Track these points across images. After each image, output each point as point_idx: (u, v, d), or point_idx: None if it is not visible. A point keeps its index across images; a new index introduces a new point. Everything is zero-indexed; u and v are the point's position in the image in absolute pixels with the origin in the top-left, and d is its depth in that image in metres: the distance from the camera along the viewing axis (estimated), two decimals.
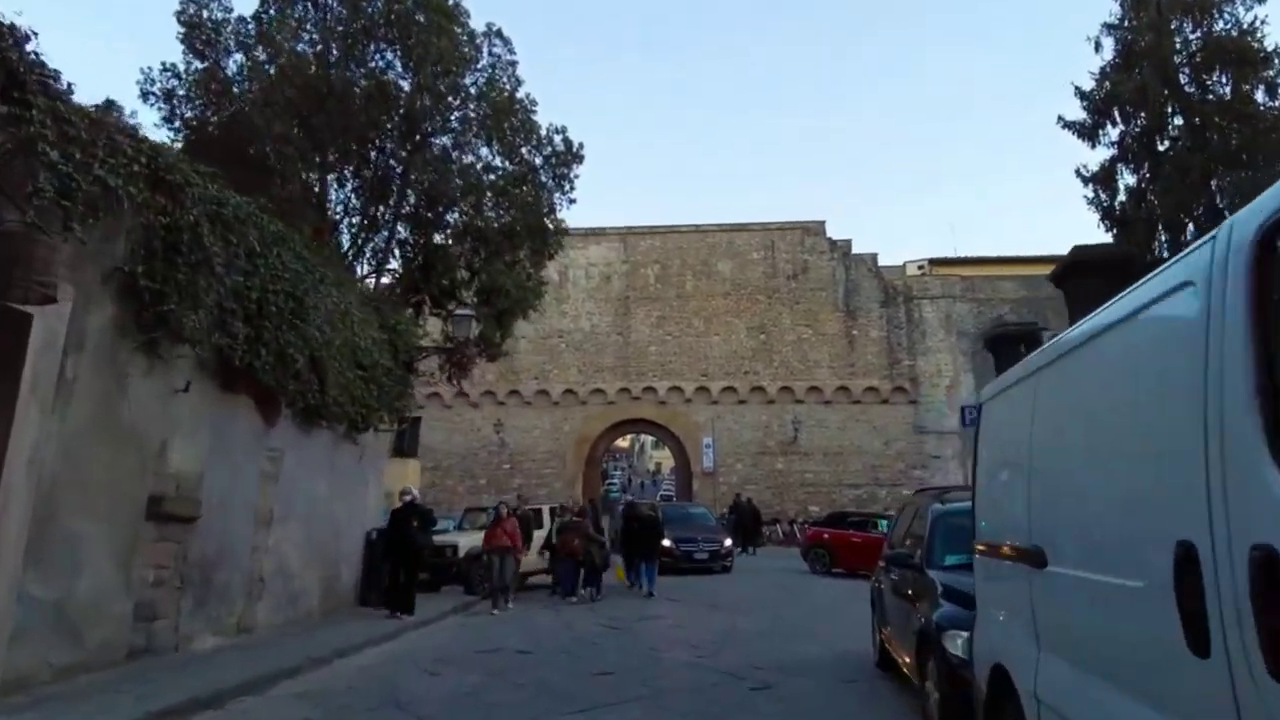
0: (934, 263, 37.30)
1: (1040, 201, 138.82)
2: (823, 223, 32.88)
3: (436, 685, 7.46)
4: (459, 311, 14.59)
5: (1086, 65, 67.97)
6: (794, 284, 32.23)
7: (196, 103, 14.62)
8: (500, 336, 16.60)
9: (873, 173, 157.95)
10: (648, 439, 55.69)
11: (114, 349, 6.94)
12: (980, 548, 4.06)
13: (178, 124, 14.19)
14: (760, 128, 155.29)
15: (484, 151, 16.57)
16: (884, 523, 17.67)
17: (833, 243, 32.62)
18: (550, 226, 16.61)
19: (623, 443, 79.06)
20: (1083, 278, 12.64)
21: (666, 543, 16.45)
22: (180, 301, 7.33)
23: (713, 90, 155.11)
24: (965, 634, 5.17)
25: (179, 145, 12.81)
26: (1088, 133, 20.76)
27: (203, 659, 7.68)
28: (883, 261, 32.93)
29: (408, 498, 11.47)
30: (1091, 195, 21.23)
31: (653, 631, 10.76)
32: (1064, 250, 15.81)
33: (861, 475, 30.69)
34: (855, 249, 32.69)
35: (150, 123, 14.88)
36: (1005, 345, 17.85)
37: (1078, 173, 21.36)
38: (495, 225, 15.95)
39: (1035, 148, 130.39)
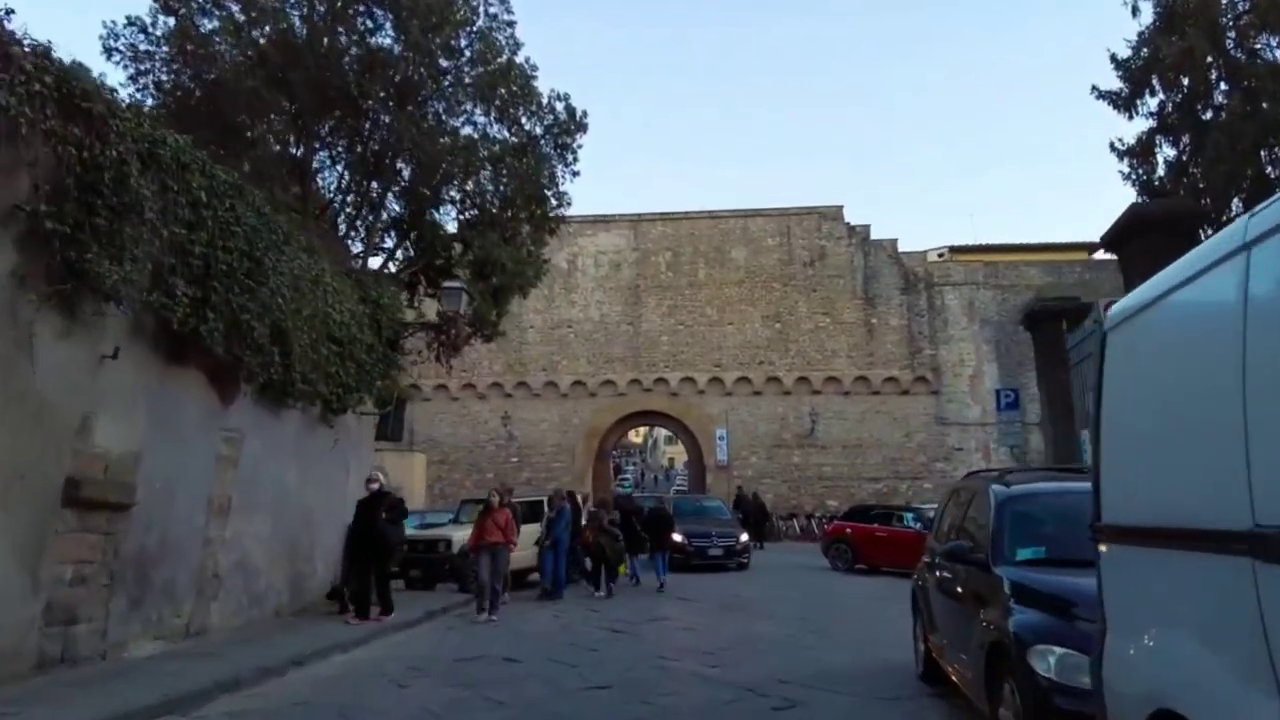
0: (954, 250, 35.85)
1: (1063, 189, 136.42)
2: (840, 207, 31.56)
3: (402, 701, 6.30)
4: (448, 284, 13.40)
5: (1121, 33, 66.01)
6: (811, 271, 30.93)
7: (172, 66, 13.53)
8: (496, 315, 15.45)
9: (890, 160, 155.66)
10: (661, 434, 54.57)
11: (14, 303, 5.82)
12: (1114, 532, 2.82)
13: (147, 84, 13.09)
14: (775, 114, 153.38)
15: (480, 119, 15.39)
16: (909, 515, 16.41)
17: (851, 228, 31.29)
18: (551, 198, 15.39)
19: (636, 438, 78.02)
20: (1144, 237, 11.43)
21: (678, 537, 15.25)
22: (100, 251, 6.20)
23: (725, 72, 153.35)
24: (1058, 650, 3.97)
25: (156, 111, 11.74)
26: (1124, 103, 19.38)
27: (132, 669, 6.55)
28: (902, 248, 31.54)
29: (374, 485, 10.10)
30: (1128, 170, 19.89)
31: (660, 636, 9.56)
32: (1090, 236, 14.58)
33: (881, 468, 29.39)
34: (874, 235, 31.35)
35: (117, 82, 13.75)
36: (1045, 323, 16.56)
37: (1112, 146, 19.96)
38: (491, 196, 14.77)
39: (1057, 136, 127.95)
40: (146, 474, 7.19)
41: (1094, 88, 19.37)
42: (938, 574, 6.20)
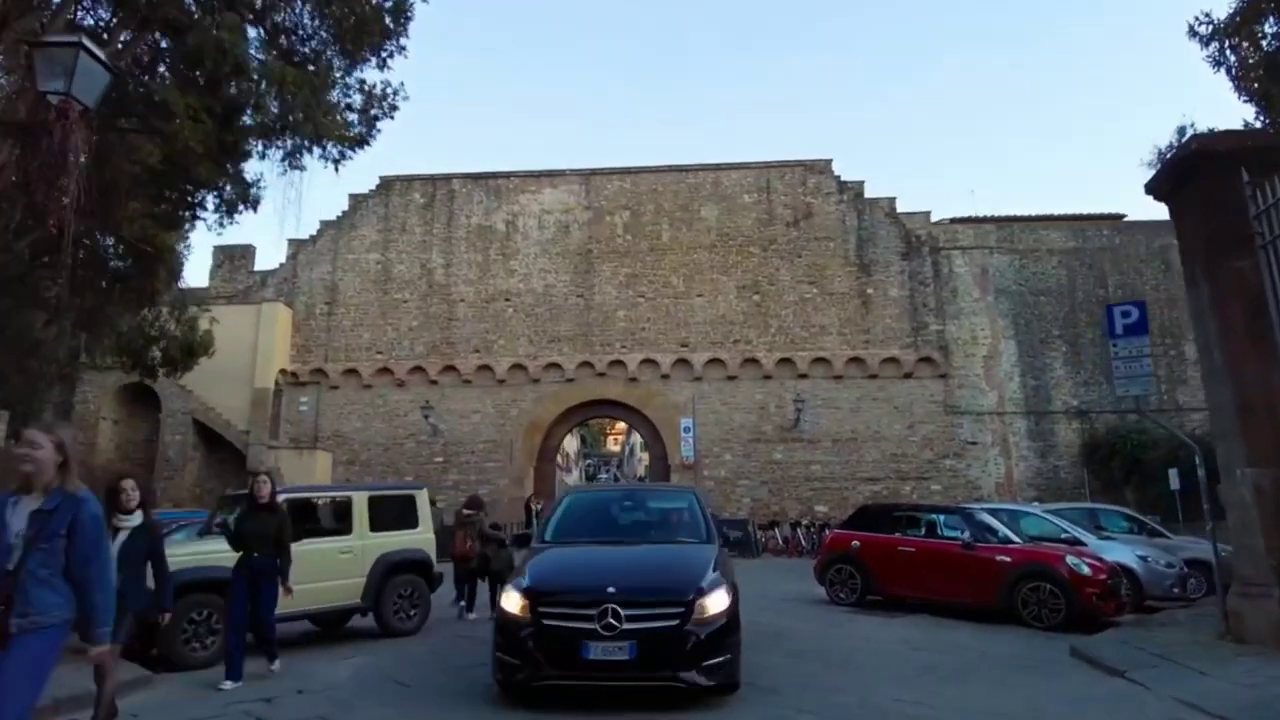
0: (956, 222, 30.60)
1: (1067, 165, 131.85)
2: (829, 161, 26.20)
3: None
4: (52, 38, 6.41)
5: None
6: (795, 232, 25.50)
7: None
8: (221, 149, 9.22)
9: (884, 125, 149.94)
10: (638, 439, 48.70)
11: None
12: None
13: None
14: (755, 74, 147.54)
15: None
16: (951, 521, 10.73)
17: (842, 183, 25.92)
18: None
19: (615, 445, 72.28)
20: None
21: (511, 599, 5.75)
22: None
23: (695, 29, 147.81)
24: None
25: None
26: None
27: None
28: (902, 209, 26.17)
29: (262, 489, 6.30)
30: (1216, 53, 14.64)
31: None
32: (1105, 209, 9.25)
33: (880, 466, 23.91)
34: (869, 194, 26.01)
35: None
36: (1206, 177, 10.33)
37: (1192, 31, 14.67)
38: None
39: (1063, 105, 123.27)
40: None
41: None
42: None
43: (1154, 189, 8.40)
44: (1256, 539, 6.73)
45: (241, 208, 10.36)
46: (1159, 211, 11.46)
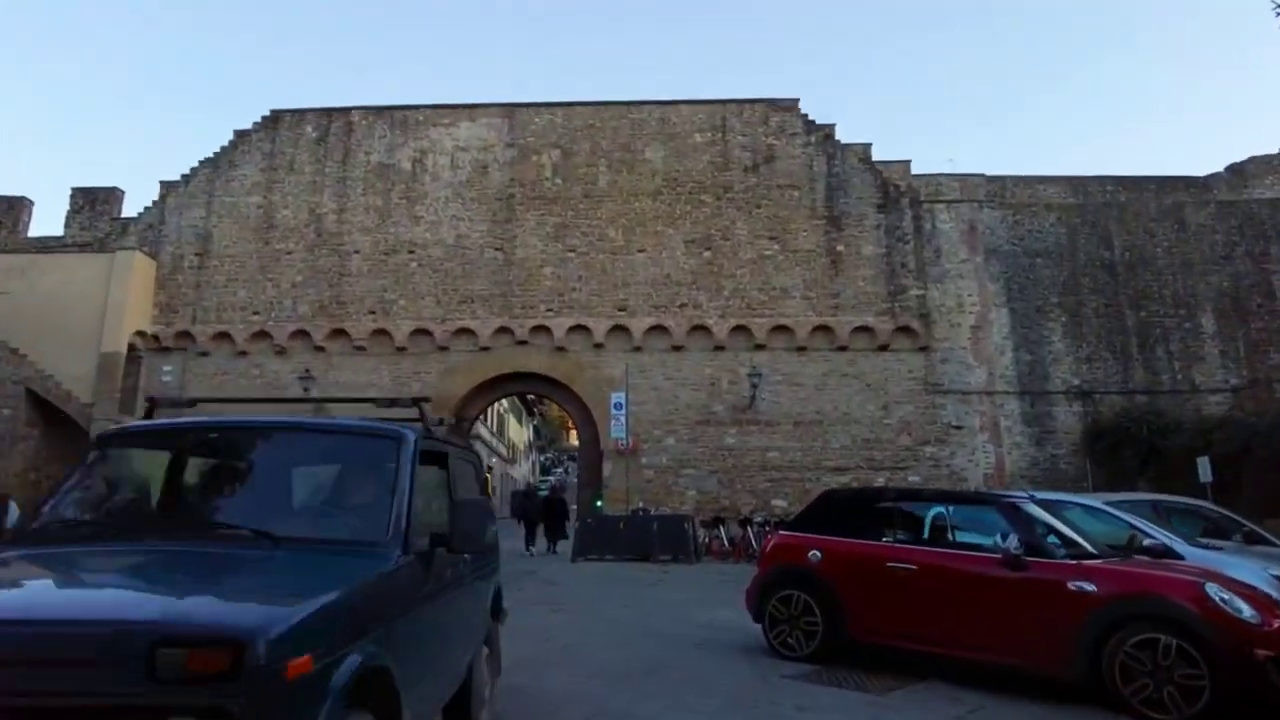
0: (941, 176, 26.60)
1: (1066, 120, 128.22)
2: (796, 100, 21.99)
3: None
4: None
5: None
6: (754, 179, 21.25)
7: None
8: None
9: (855, 75, 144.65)
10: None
11: None
12: None
13: None
14: (715, 15, 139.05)
15: None
16: (960, 514, 6.48)
17: (810, 123, 21.72)
18: None
19: (577, 440, 67.87)
20: None
21: None
22: None
23: None
24: None
25: None
26: None
27: None
28: (878, 157, 22.03)
29: None
30: None
31: None
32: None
33: (850, 454, 19.75)
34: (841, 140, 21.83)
35: None
36: None
37: None
38: None
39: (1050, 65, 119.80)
40: None
41: None
42: None
43: None
44: None
45: None
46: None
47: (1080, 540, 5.63)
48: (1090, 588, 5.07)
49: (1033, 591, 5.30)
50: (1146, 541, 6.73)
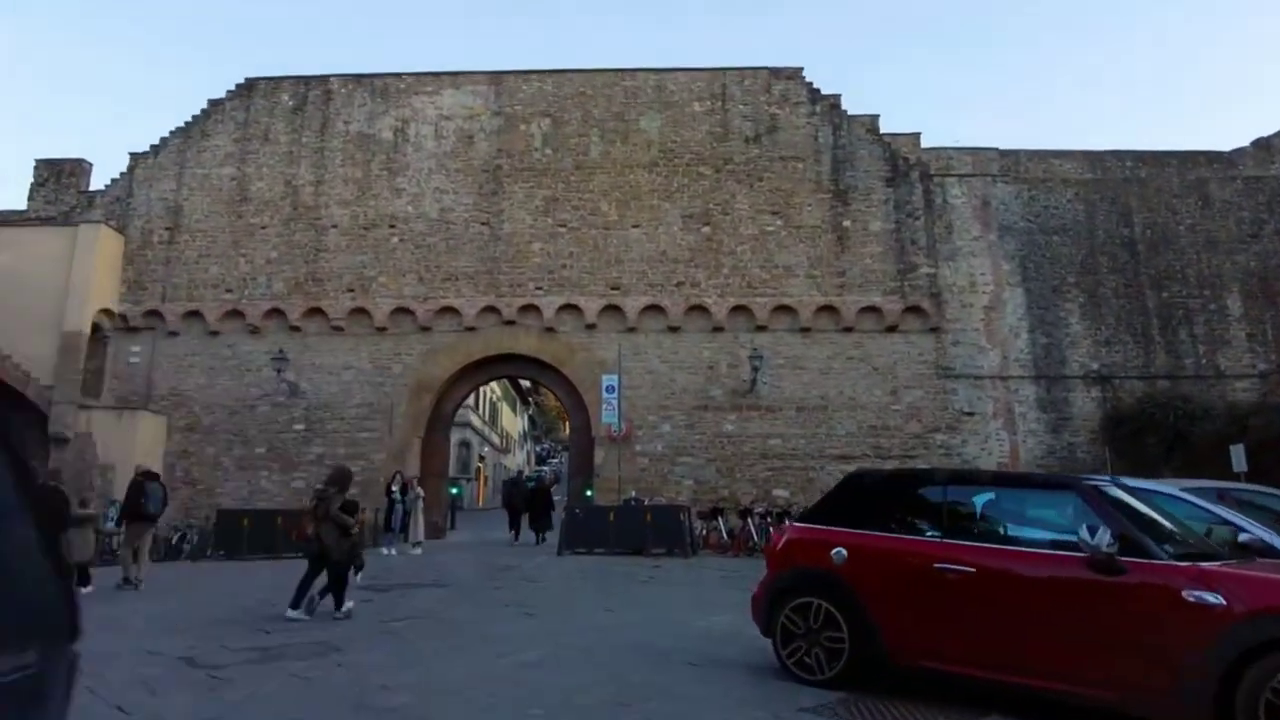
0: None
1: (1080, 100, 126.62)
2: (799, 69, 20.66)
3: None
4: None
5: None
6: (756, 150, 19.95)
7: None
8: None
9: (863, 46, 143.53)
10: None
11: None
12: None
13: None
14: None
15: None
16: (1021, 502, 5.24)
17: (815, 92, 20.41)
18: None
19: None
20: None
21: None
22: None
23: None
24: None
25: None
26: None
27: None
28: (885, 129, 20.74)
29: None
30: None
31: None
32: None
33: (855, 441, 18.55)
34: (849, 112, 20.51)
35: None
36: None
37: None
38: None
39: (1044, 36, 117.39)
40: None
41: None
42: None
43: None
44: None
45: None
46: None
47: (1189, 536, 4.40)
48: (1215, 600, 3.83)
49: (1133, 602, 4.06)
50: (1242, 537, 5.50)
